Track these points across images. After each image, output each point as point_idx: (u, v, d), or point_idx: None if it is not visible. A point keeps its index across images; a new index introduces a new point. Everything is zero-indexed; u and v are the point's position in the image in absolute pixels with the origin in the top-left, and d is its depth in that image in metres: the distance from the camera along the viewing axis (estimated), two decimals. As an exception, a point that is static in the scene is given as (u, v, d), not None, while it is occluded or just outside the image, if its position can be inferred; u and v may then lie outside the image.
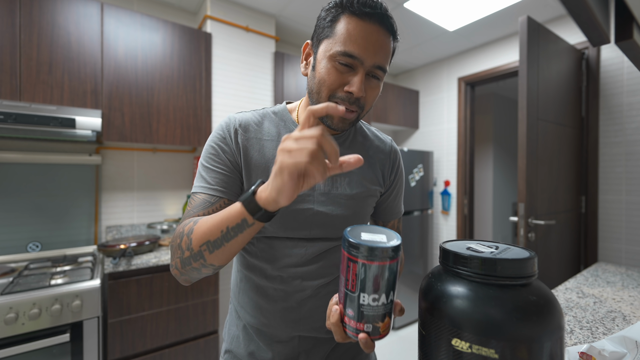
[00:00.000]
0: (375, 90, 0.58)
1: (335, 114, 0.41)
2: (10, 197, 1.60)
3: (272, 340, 0.64)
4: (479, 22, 2.28)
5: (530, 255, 0.37)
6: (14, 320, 1.14)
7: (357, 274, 0.41)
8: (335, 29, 0.54)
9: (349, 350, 0.69)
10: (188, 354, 1.63)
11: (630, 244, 1.87)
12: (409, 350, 2.36)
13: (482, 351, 0.33)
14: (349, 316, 0.43)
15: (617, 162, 1.93)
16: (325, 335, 0.65)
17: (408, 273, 2.76)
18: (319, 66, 0.56)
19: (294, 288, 0.62)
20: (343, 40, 0.53)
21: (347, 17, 0.53)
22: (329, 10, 0.56)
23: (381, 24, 0.53)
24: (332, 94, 0.56)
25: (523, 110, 1.61)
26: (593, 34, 0.57)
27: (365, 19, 0.52)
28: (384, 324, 0.42)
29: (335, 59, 0.54)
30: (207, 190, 0.58)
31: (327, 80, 0.55)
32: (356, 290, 0.41)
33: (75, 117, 1.46)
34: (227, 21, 2.04)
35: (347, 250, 0.42)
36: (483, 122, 3.88)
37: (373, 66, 0.54)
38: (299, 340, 0.64)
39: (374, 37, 0.53)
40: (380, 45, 0.53)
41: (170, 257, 0.66)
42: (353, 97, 0.55)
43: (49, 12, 1.48)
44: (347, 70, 0.54)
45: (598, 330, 0.87)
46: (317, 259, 0.63)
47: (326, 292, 0.64)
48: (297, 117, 0.67)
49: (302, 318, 0.63)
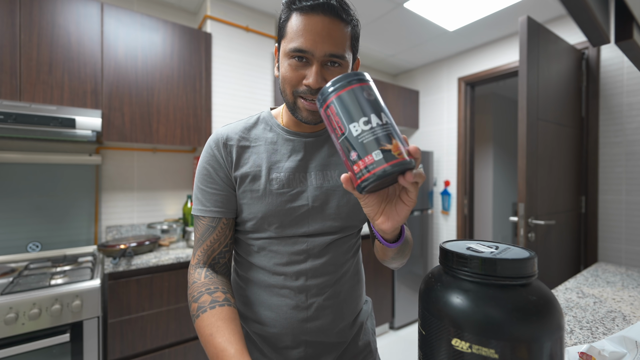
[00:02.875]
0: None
1: None
2: (10, 197, 1.60)
3: (278, 347, 0.64)
4: (479, 22, 2.28)
5: (530, 255, 0.37)
6: (14, 320, 1.14)
7: (337, 113, 0.40)
8: (287, 28, 0.57)
9: (357, 356, 0.69)
10: (188, 354, 1.63)
11: (630, 244, 1.87)
12: (409, 350, 2.36)
13: (482, 351, 0.33)
14: (354, 161, 0.38)
15: (617, 162, 1.93)
16: (332, 340, 0.64)
17: (408, 273, 2.76)
18: (281, 66, 0.60)
19: (298, 287, 0.62)
20: (292, 37, 0.56)
21: (294, 15, 0.56)
22: (282, 12, 0.59)
23: (325, 13, 0.54)
24: (294, 90, 0.58)
25: (523, 110, 1.61)
26: (593, 34, 0.57)
27: (308, 12, 0.54)
28: (393, 145, 0.37)
29: (291, 56, 0.57)
30: (205, 214, 0.63)
31: (287, 78, 0.58)
32: (345, 128, 0.39)
33: (75, 117, 1.46)
34: (227, 21, 2.04)
35: (320, 104, 0.42)
36: (483, 122, 3.88)
37: (325, 55, 0.55)
38: (305, 346, 0.63)
39: (319, 28, 0.54)
40: (327, 34, 0.55)
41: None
42: (313, 89, 0.56)
43: (49, 12, 1.48)
44: (302, 65, 0.57)
45: (598, 330, 0.87)
46: (320, 255, 0.64)
47: (332, 291, 0.64)
48: (282, 120, 0.69)
49: (309, 318, 0.62)
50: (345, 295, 0.66)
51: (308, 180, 0.64)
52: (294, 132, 0.66)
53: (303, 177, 0.64)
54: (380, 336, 2.59)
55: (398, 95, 3.00)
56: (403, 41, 2.62)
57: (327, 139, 0.69)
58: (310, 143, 0.66)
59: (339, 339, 0.65)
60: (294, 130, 0.66)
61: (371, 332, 0.75)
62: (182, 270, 1.62)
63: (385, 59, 3.03)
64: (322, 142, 0.67)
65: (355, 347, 0.69)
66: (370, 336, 0.73)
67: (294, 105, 0.60)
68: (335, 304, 0.64)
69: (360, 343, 0.70)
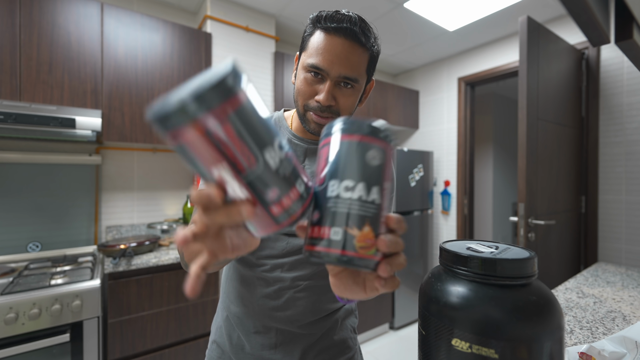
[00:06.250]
0: (349, 97, 0.62)
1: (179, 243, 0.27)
2: (11, 197, 1.60)
3: (250, 331, 0.67)
4: (479, 22, 2.28)
5: (530, 255, 0.37)
6: (14, 320, 1.14)
7: (326, 158, 0.31)
8: (309, 42, 0.60)
9: (330, 348, 0.70)
10: (188, 354, 1.63)
11: (630, 244, 1.87)
12: (409, 350, 2.36)
13: (482, 351, 0.33)
14: (313, 222, 0.30)
15: (617, 162, 1.93)
16: (302, 331, 0.67)
17: (408, 273, 2.76)
18: (298, 76, 0.63)
19: (273, 278, 0.66)
20: (312, 54, 0.59)
21: (318, 32, 0.59)
22: (307, 26, 0.62)
23: (347, 37, 0.57)
24: (306, 104, 0.62)
25: (523, 110, 1.61)
26: (593, 34, 0.57)
27: (332, 33, 0.57)
28: (361, 233, 0.29)
29: (307, 71, 0.60)
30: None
31: (301, 90, 0.62)
32: (325, 180, 0.31)
33: (75, 117, 1.46)
34: (227, 21, 2.04)
35: (322, 137, 0.34)
36: (483, 122, 3.88)
37: (339, 77, 0.58)
38: (276, 333, 0.67)
39: (339, 50, 0.57)
40: (345, 57, 0.58)
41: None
42: (322, 106, 0.60)
43: (49, 12, 1.48)
44: (317, 80, 0.60)
45: (598, 330, 0.87)
46: (297, 252, 0.67)
47: (305, 285, 0.67)
48: (291, 123, 0.72)
49: (279, 308, 0.65)
50: (321, 290, 0.68)
51: None
52: (300, 138, 0.70)
53: None
54: (380, 336, 2.59)
55: (398, 95, 3.00)
56: (403, 41, 2.62)
57: None
58: (312, 150, 0.70)
59: (307, 331, 0.67)
60: (300, 136, 0.70)
61: (350, 329, 0.75)
62: (182, 270, 1.62)
63: (385, 59, 3.03)
64: None
65: (329, 340, 0.70)
66: (348, 333, 0.74)
67: (304, 116, 0.64)
68: (307, 296, 0.66)
69: (336, 338, 0.71)
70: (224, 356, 0.71)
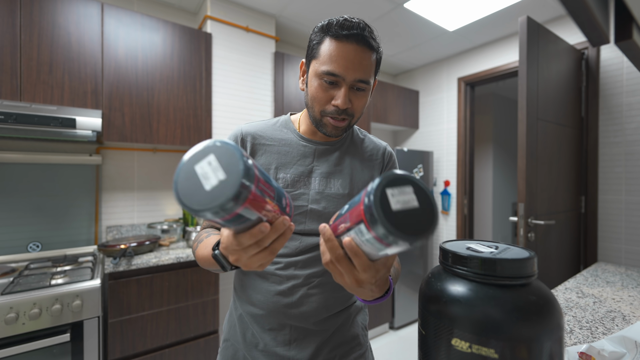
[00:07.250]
0: (361, 99, 0.66)
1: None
2: (11, 197, 1.60)
3: (265, 328, 0.68)
4: (479, 22, 2.28)
5: (530, 255, 0.37)
6: (15, 320, 1.14)
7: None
8: (320, 50, 0.63)
9: (343, 344, 0.71)
10: (188, 354, 1.63)
11: (630, 244, 1.87)
12: (409, 350, 2.36)
13: (482, 351, 0.33)
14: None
15: (617, 162, 1.93)
16: (315, 328, 0.68)
17: (408, 273, 2.76)
18: (310, 84, 0.66)
19: (287, 275, 0.67)
20: (326, 61, 0.61)
21: (328, 40, 0.62)
22: (316, 34, 0.65)
23: (358, 42, 0.60)
24: (323, 110, 0.65)
25: (523, 110, 1.61)
26: (593, 34, 0.57)
27: (343, 40, 0.60)
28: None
29: (322, 78, 0.63)
30: None
31: (317, 97, 0.64)
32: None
33: (76, 117, 1.46)
34: (227, 21, 2.04)
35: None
36: (483, 122, 3.88)
37: (354, 81, 0.62)
38: (290, 329, 0.68)
39: (352, 55, 0.60)
40: (359, 62, 0.61)
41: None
42: (340, 110, 0.63)
43: (49, 12, 1.48)
44: (332, 86, 0.63)
45: (597, 330, 0.88)
46: (309, 250, 0.68)
47: (318, 281, 0.68)
48: (298, 126, 0.75)
49: (293, 304, 0.66)
50: (333, 287, 0.70)
51: (311, 184, 0.70)
52: (308, 139, 0.73)
53: (307, 180, 0.71)
54: (380, 336, 2.59)
55: (398, 95, 3.00)
56: (403, 41, 2.62)
57: (336, 149, 0.75)
58: (320, 151, 0.73)
59: (321, 328, 0.68)
60: (308, 138, 0.74)
61: (361, 326, 0.77)
62: (183, 270, 1.62)
63: (385, 59, 3.03)
64: (330, 151, 0.74)
65: (341, 336, 0.71)
66: (359, 330, 0.75)
67: (320, 121, 0.67)
68: (320, 293, 0.68)
69: (348, 334, 0.72)
70: (238, 354, 0.72)
